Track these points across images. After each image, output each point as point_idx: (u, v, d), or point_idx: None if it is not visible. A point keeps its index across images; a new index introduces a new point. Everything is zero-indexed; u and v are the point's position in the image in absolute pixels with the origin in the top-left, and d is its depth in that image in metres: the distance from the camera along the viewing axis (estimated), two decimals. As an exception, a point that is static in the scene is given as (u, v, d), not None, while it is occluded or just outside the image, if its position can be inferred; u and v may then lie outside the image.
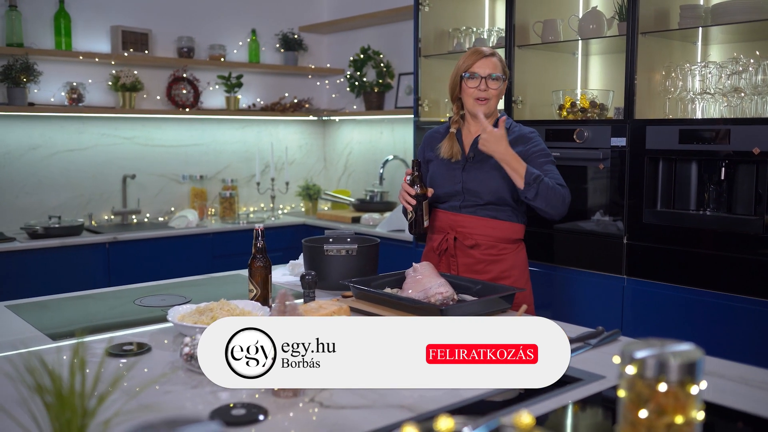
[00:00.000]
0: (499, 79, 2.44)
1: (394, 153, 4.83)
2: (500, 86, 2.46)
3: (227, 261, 4.30)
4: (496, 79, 2.43)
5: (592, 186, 3.14)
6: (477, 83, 2.44)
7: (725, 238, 2.73)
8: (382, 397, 1.46)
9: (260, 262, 2.11)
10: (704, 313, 2.79)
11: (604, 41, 3.29)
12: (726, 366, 1.65)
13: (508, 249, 2.49)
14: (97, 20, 4.37)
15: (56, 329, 1.97)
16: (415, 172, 2.42)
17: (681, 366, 0.94)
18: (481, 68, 2.44)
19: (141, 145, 4.60)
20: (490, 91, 2.44)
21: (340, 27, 5.13)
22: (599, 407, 1.46)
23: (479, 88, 2.44)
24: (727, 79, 2.87)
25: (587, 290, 3.16)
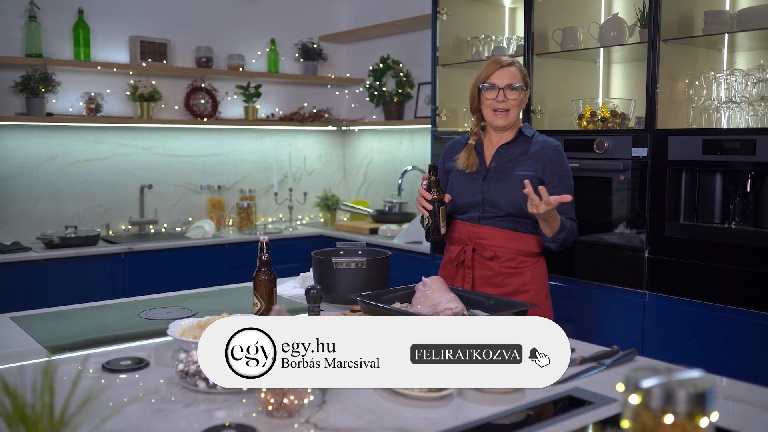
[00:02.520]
0: (518, 90, 2.37)
1: (413, 163, 4.77)
2: (520, 96, 2.39)
3: (244, 272, 4.26)
4: (516, 89, 2.37)
5: (613, 198, 3.04)
6: (495, 94, 2.38)
7: (751, 252, 2.61)
8: (380, 419, 1.39)
9: (265, 276, 2.07)
10: (728, 331, 2.67)
11: (626, 49, 3.20)
12: (748, 390, 1.55)
13: (528, 262, 2.42)
14: (116, 30, 4.38)
15: (57, 341, 1.94)
16: (431, 176, 2.35)
17: (689, 396, 0.87)
18: (499, 79, 2.38)
19: (159, 155, 4.59)
20: (509, 102, 2.38)
21: (360, 36, 5.09)
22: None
23: (497, 99, 2.38)
24: (754, 87, 2.77)
25: (607, 305, 3.06)
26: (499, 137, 2.46)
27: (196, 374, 1.53)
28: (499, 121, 2.40)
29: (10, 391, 0.86)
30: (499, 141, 2.46)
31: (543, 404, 1.49)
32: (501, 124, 2.40)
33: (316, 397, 1.49)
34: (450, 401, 1.49)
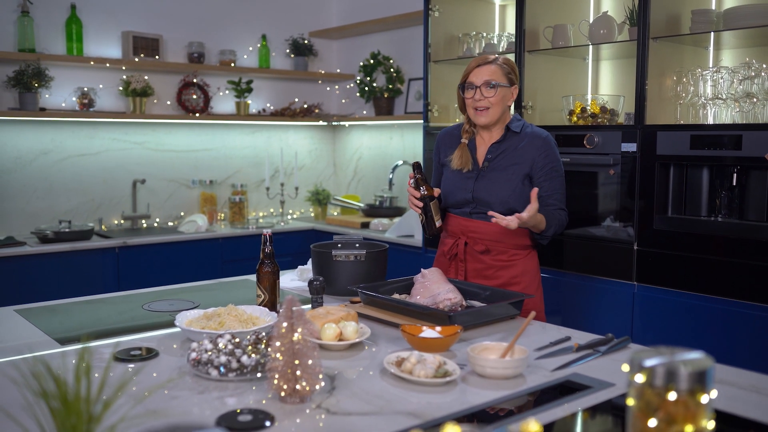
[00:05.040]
0: (496, 87, 2.38)
1: (403, 158, 4.82)
2: (500, 93, 2.39)
3: (237, 266, 4.31)
4: (493, 87, 2.38)
5: (603, 192, 3.12)
6: (472, 93, 2.41)
7: (737, 244, 2.70)
8: (389, 404, 1.45)
9: (268, 268, 2.11)
10: (715, 321, 2.76)
11: (615, 46, 3.27)
12: (737, 374, 1.63)
13: (519, 255, 2.48)
14: (109, 26, 4.39)
15: (64, 334, 1.97)
16: (416, 174, 2.40)
17: (691, 374, 0.93)
18: (477, 77, 2.40)
19: (151, 150, 4.61)
20: (487, 100, 2.39)
21: (350, 32, 5.13)
22: (608, 415, 1.44)
23: (474, 98, 2.41)
24: (739, 85, 2.85)
25: (597, 297, 3.13)
26: (489, 135, 2.50)
27: (208, 362, 1.58)
28: (480, 119, 2.43)
29: (54, 375, 0.90)
30: (489, 139, 2.50)
31: (543, 389, 1.55)
32: (482, 122, 2.43)
33: (326, 384, 1.55)
34: (454, 387, 1.55)
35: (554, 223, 2.39)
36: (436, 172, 2.64)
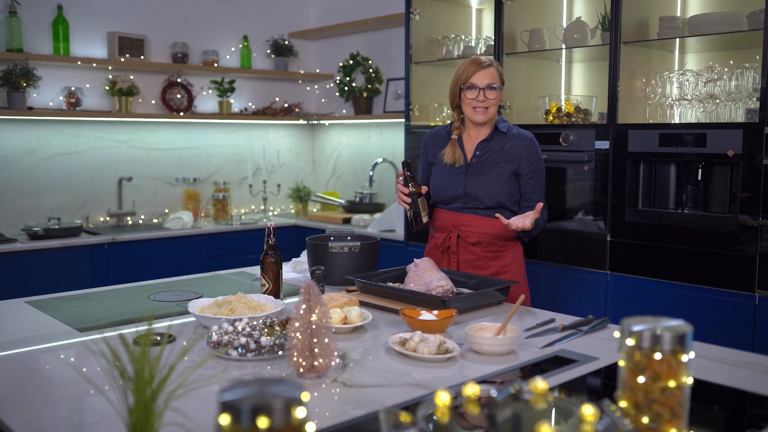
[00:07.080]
0: (496, 89, 2.56)
1: (383, 156, 4.97)
2: (498, 95, 2.58)
3: (221, 261, 4.42)
4: (495, 89, 2.55)
5: (578, 187, 3.31)
6: (475, 94, 2.56)
7: (702, 234, 2.91)
8: (398, 377, 1.60)
9: (272, 258, 2.24)
10: (683, 305, 2.96)
11: (587, 49, 3.46)
12: (705, 348, 1.82)
13: (508, 246, 2.64)
14: (94, 26, 4.47)
15: (82, 324, 2.07)
16: (406, 172, 2.56)
17: (673, 337, 1.10)
18: (479, 79, 2.55)
19: (136, 149, 4.70)
20: (489, 101, 2.56)
21: (329, 33, 5.26)
22: (598, 380, 1.61)
23: (477, 99, 2.56)
24: (703, 86, 3.06)
25: (573, 285, 3.33)
26: (478, 132, 2.65)
27: (228, 344, 1.71)
28: (479, 117, 2.59)
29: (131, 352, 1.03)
30: (477, 136, 2.65)
31: (535, 363, 1.71)
32: (480, 120, 2.60)
33: (339, 361, 1.69)
34: (454, 363, 1.71)
35: (540, 224, 2.55)
36: (424, 171, 2.79)
